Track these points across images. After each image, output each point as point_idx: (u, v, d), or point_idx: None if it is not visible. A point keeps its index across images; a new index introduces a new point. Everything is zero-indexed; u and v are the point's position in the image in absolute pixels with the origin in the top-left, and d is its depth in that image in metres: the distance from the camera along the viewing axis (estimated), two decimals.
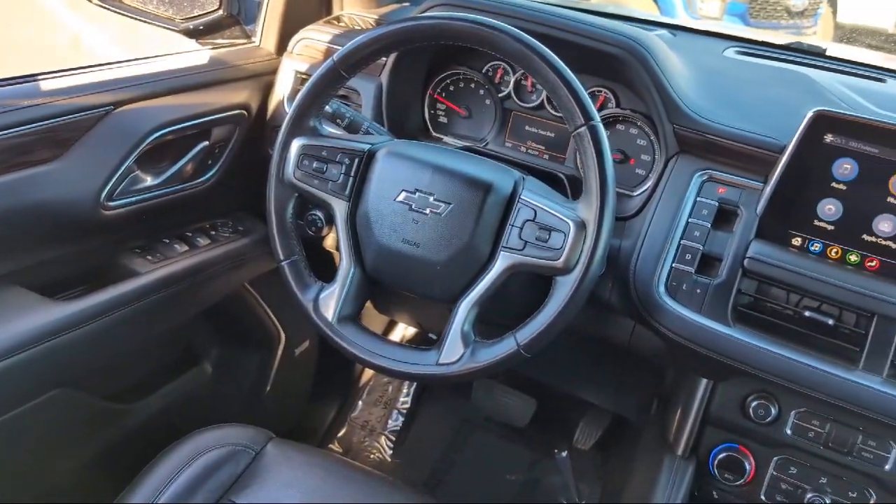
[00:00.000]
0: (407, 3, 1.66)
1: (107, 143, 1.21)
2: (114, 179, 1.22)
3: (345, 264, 1.09)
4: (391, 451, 2.03)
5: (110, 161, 1.22)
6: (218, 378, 1.68)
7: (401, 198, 1.04)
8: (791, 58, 1.50)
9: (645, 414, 1.37)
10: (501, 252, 1.00)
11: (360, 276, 1.09)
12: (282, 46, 1.51)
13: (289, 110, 1.12)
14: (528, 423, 1.93)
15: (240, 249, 1.48)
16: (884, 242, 1.02)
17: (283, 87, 1.46)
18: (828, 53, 1.54)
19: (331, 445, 2.05)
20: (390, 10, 1.61)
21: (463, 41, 1.02)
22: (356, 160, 1.07)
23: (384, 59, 1.34)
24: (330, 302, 1.08)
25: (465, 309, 1.01)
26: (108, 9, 1.39)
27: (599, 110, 1.29)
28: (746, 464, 1.16)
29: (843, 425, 1.09)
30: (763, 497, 1.17)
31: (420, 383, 2.12)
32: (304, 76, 1.44)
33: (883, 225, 1.02)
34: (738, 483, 1.17)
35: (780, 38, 1.62)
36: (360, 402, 2.14)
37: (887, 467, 1.07)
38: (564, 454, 1.99)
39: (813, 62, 1.48)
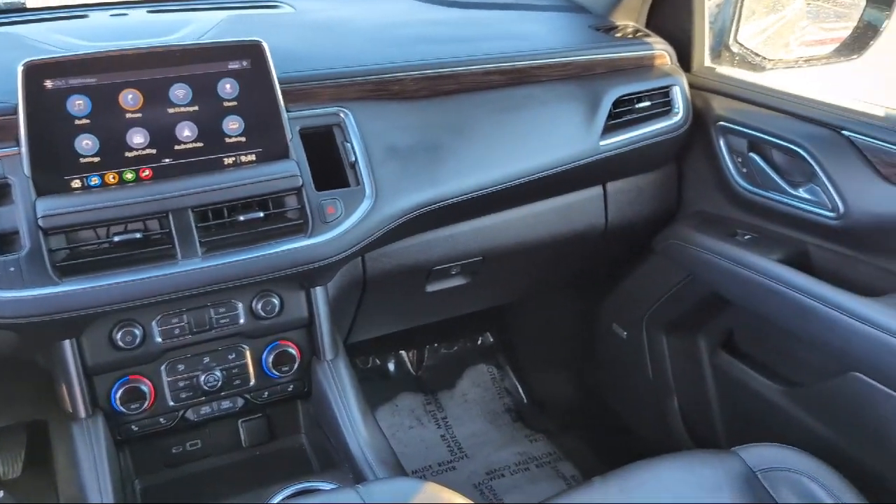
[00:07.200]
0: None
1: None
2: None
3: None
4: None
5: None
6: None
7: None
8: None
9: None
10: None
11: None
12: None
13: None
14: None
15: None
16: (144, 152, 1.16)
17: None
18: (29, 6, 1.58)
19: None
20: None
21: None
22: None
23: None
24: None
25: None
26: None
27: None
28: (143, 387, 1.24)
29: (194, 310, 1.24)
30: (172, 403, 1.28)
31: None
32: None
33: (136, 138, 1.15)
34: (146, 406, 1.25)
35: None
36: None
37: (242, 321, 1.28)
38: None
39: (20, 18, 1.50)
